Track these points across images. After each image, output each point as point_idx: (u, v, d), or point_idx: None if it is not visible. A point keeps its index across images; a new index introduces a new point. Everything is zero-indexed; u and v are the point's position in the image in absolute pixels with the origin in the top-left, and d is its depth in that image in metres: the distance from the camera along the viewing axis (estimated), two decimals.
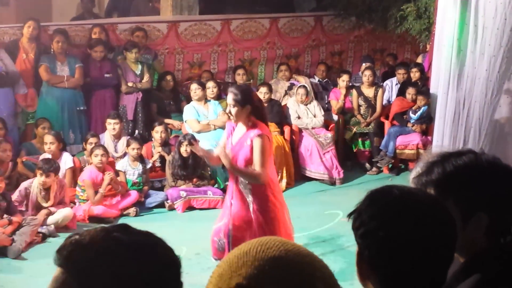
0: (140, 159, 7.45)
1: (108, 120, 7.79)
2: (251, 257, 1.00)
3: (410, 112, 8.69)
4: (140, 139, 7.61)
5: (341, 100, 9.13)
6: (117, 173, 7.33)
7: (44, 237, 6.24)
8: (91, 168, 7.09)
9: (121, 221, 6.83)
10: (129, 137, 7.88)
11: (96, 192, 6.96)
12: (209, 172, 7.78)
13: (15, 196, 6.46)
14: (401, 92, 8.99)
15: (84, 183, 7.01)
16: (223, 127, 8.15)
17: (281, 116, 8.67)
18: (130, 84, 8.34)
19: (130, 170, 7.43)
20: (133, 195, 7.20)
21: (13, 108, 7.93)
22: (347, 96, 9.19)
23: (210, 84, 8.45)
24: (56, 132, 7.48)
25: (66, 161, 7.33)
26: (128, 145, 7.43)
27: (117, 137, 7.82)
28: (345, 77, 9.28)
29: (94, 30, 8.50)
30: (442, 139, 6.09)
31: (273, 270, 0.99)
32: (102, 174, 7.04)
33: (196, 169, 7.55)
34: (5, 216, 6.06)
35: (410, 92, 8.71)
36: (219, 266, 1.02)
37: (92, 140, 7.44)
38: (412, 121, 8.68)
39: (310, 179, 8.47)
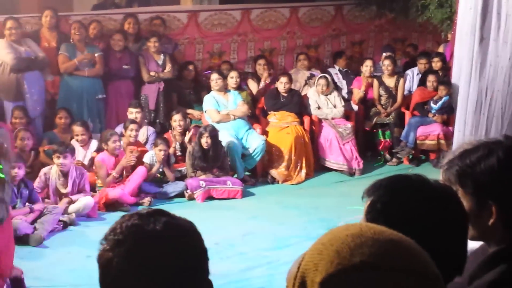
0: (167, 159, 7.48)
1: (130, 109, 7.83)
2: (368, 238, 1.02)
3: (431, 102, 8.62)
4: (167, 139, 7.61)
5: (362, 90, 9.07)
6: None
7: (65, 225, 6.30)
8: (105, 153, 7.18)
9: (136, 209, 6.87)
10: (150, 127, 7.91)
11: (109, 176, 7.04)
12: (229, 163, 7.79)
13: (36, 183, 6.54)
14: (422, 82, 8.91)
15: (96, 164, 7.07)
16: (243, 117, 8.18)
17: (301, 106, 8.65)
18: (152, 73, 8.37)
19: (156, 165, 7.46)
20: (140, 170, 7.20)
21: (44, 94, 7.99)
22: (369, 86, 9.10)
23: (234, 74, 8.45)
24: (83, 122, 7.55)
25: (92, 146, 7.42)
26: (156, 145, 7.45)
27: (139, 126, 7.85)
28: (368, 63, 9.20)
29: (128, 20, 8.52)
30: (464, 129, 6.03)
31: (395, 251, 1.02)
32: (115, 158, 7.10)
33: (216, 160, 7.56)
34: (27, 204, 6.13)
35: (431, 79, 8.63)
36: (324, 244, 1.04)
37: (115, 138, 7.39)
38: (433, 111, 8.60)
39: (330, 169, 8.45)
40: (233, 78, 8.42)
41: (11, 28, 7.69)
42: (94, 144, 7.47)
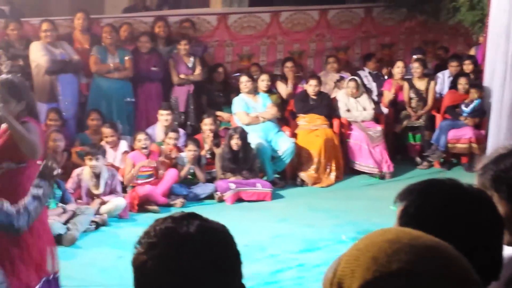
0: (198, 160, 7.52)
1: (161, 112, 7.88)
2: (405, 244, 1.02)
3: (463, 106, 8.53)
4: (197, 140, 7.66)
5: (392, 92, 9.01)
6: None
7: (98, 226, 6.37)
8: (137, 151, 7.28)
9: (167, 211, 6.93)
10: (181, 130, 7.97)
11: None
12: (258, 165, 7.80)
13: (68, 184, 6.64)
14: (454, 85, 8.82)
15: (126, 161, 7.17)
16: (272, 120, 8.19)
17: (330, 109, 8.63)
18: (182, 76, 8.42)
19: (187, 166, 7.50)
20: (171, 172, 7.27)
21: (77, 96, 8.08)
22: (400, 89, 9.03)
23: (265, 77, 8.48)
24: (112, 124, 7.63)
25: (122, 147, 7.51)
26: (186, 146, 7.50)
27: (169, 128, 7.90)
28: (399, 64, 9.12)
29: (158, 23, 8.59)
30: (498, 133, 5.96)
31: (433, 257, 1.01)
32: (146, 158, 7.19)
33: (246, 162, 7.58)
34: (59, 204, 6.21)
35: (462, 82, 8.54)
36: (360, 249, 1.03)
37: (141, 136, 7.48)
38: (464, 114, 8.51)
39: (359, 172, 8.41)
40: (264, 81, 8.44)
41: (46, 30, 7.80)
42: (123, 145, 7.55)
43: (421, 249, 1.01)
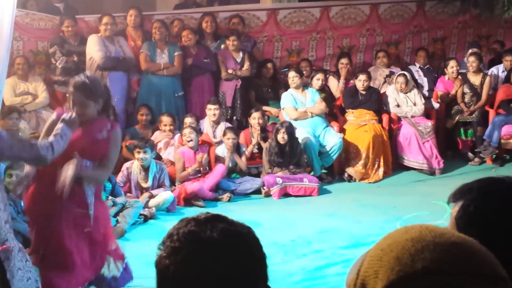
0: (237, 148, 7.57)
1: (209, 106, 7.96)
2: (429, 242, 1.00)
3: None
4: (236, 128, 7.72)
5: (452, 93, 8.81)
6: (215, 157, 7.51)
7: (146, 219, 6.49)
8: (186, 147, 7.36)
9: (220, 206, 6.99)
10: (227, 123, 8.04)
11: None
12: (306, 160, 7.80)
13: (118, 177, 6.78)
14: (507, 80, 8.60)
15: (175, 157, 7.24)
16: (320, 115, 8.17)
17: (380, 104, 8.54)
18: (230, 71, 8.48)
19: (227, 156, 7.57)
20: (219, 168, 7.32)
21: (126, 92, 8.23)
22: (460, 86, 8.83)
23: (320, 76, 8.49)
24: (171, 113, 7.74)
25: (176, 140, 7.63)
26: (224, 134, 7.57)
27: (217, 122, 7.98)
28: (452, 63, 8.93)
29: (205, 19, 8.67)
30: None
31: (458, 254, 0.99)
32: (195, 153, 7.25)
33: (292, 156, 7.59)
34: (110, 197, 6.35)
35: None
36: (384, 249, 1.01)
37: (188, 120, 7.60)
38: None
39: (408, 168, 8.30)
40: (319, 80, 8.45)
41: (107, 24, 7.95)
42: (177, 138, 7.67)
43: (445, 247, 0.99)
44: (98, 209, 4.01)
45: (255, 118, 7.91)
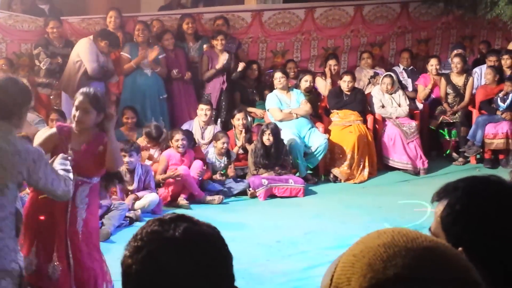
0: (227, 152, 7.57)
1: (200, 106, 7.93)
2: (401, 247, 0.99)
3: (499, 100, 8.38)
4: (226, 133, 7.70)
5: (428, 87, 8.90)
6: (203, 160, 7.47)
7: (132, 221, 6.46)
8: (172, 149, 7.30)
9: (205, 207, 6.98)
10: (216, 126, 8.02)
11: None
12: (291, 161, 7.81)
13: None
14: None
15: (160, 158, 7.21)
16: (305, 116, 8.19)
17: (364, 105, 8.58)
18: (218, 67, 8.34)
19: (217, 162, 7.56)
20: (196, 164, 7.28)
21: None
22: (436, 85, 8.92)
23: (308, 78, 8.48)
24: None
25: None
26: (217, 139, 7.54)
27: (207, 123, 7.96)
28: (433, 61, 9.03)
29: (186, 20, 8.65)
30: None
31: (430, 259, 0.98)
32: (181, 156, 7.21)
33: (278, 157, 7.60)
34: None
35: (488, 73, 8.41)
36: (356, 255, 1.01)
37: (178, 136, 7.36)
38: (501, 109, 8.37)
39: (393, 169, 8.34)
40: (307, 82, 8.45)
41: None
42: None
43: (417, 252, 0.98)
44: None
45: (238, 119, 7.91)
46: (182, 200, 7.02)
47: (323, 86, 8.88)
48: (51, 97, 8.19)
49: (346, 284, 0.99)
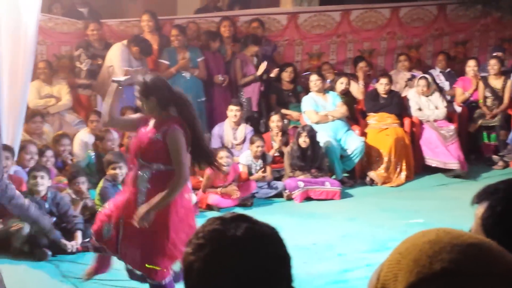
0: (262, 155, 7.57)
1: (230, 107, 7.97)
2: (446, 243, 1.01)
3: None
4: (262, 136, 7.70)
5: (469, 92, 8.78)
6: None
7: None
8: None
9: (240, 210, 6.98)
10: (247, 126, 8.03)
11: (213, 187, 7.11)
12: (327, 163, 7.78)
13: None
14: None
15: (205, 174, 7.15)
16: (341, 118, 8.15)
17: (401, 108, 8.51)
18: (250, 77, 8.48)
19: (253, 165, 7.56)
20: (252, 185, 7.30)
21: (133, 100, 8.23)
22: (476, 88, 8.79)
23: (344, 80, 8.47)
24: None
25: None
26: (252, 142, 7.54)
27: (237, 124, 7.98)
28: (471, 63, 8.91)
29: (223, 23, 8.70)
30: None
31: (476, 255, 1.00)
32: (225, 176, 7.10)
33: (314, 160, 7.58)
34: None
35: None
36: (402, 253, 1.03)
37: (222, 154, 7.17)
38: None
39: (431, 172, 8.23)
40: (342, 84, 8.44)
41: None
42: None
43: (463, 248, 1.00)
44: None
45: (273, 121, 7.92)
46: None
47: (355, 89, 8.84)
48: (91, 98, 8.30)
49: (393, 280, 1.01)
